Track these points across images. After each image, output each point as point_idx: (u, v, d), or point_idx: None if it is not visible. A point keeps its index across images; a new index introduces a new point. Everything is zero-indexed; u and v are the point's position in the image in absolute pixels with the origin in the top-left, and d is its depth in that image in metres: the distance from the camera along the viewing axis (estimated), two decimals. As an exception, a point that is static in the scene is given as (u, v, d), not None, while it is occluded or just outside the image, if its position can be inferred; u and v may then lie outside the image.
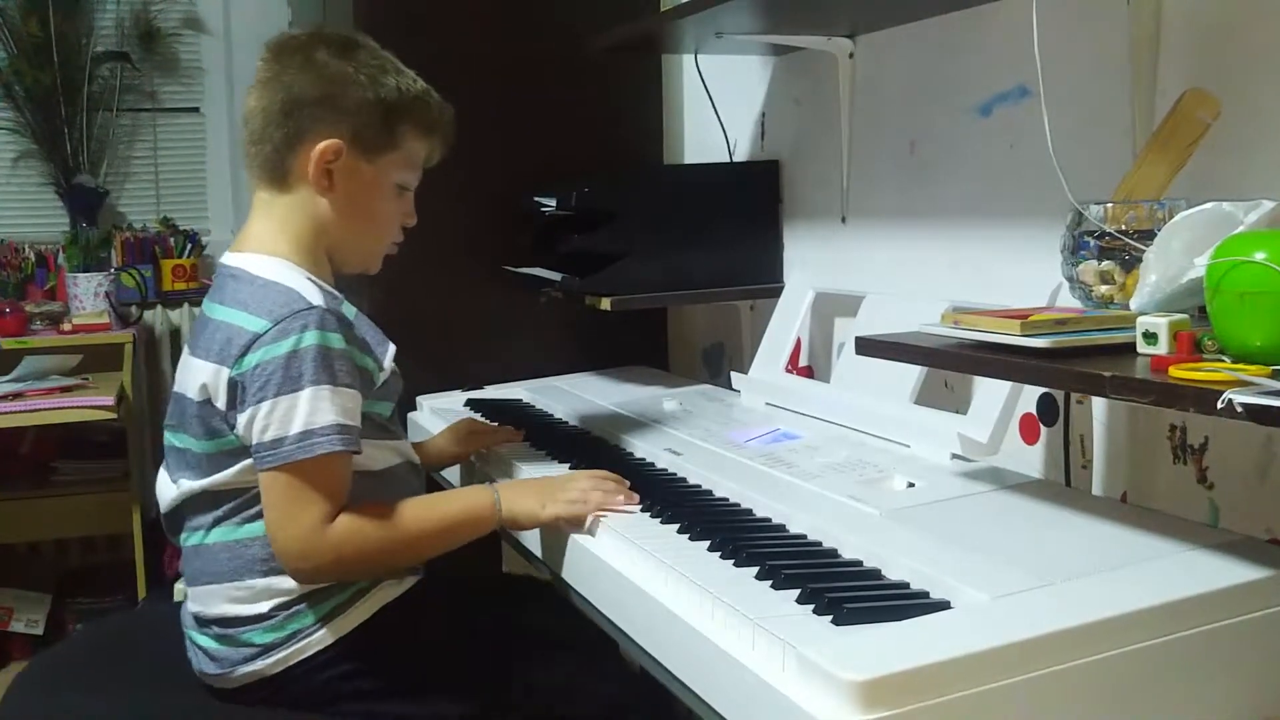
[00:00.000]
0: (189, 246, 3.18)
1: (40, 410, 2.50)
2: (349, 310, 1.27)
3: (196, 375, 1.21)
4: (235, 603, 1.21)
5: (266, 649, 1.21)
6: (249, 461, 1.18)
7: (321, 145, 1.25)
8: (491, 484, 1.29)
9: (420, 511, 1.24)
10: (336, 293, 1.29)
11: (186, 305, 3.14)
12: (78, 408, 2.50)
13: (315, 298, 1.20)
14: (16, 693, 1.30)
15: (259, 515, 1.19)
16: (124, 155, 3.23)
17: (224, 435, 1.19)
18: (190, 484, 1.23)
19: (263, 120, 1.26)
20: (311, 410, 1.15)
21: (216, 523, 1.23)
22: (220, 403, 1.19)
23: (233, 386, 1.18)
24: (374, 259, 1.37)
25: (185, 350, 1.28)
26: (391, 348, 1.30)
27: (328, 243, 1.30)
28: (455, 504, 1.28)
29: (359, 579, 1.23)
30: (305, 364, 1.15)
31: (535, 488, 1.28)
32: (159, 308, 3.13)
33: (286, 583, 1.20)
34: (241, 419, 1.17)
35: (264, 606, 1.21)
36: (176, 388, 1.28)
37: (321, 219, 1.28)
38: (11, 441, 2.86)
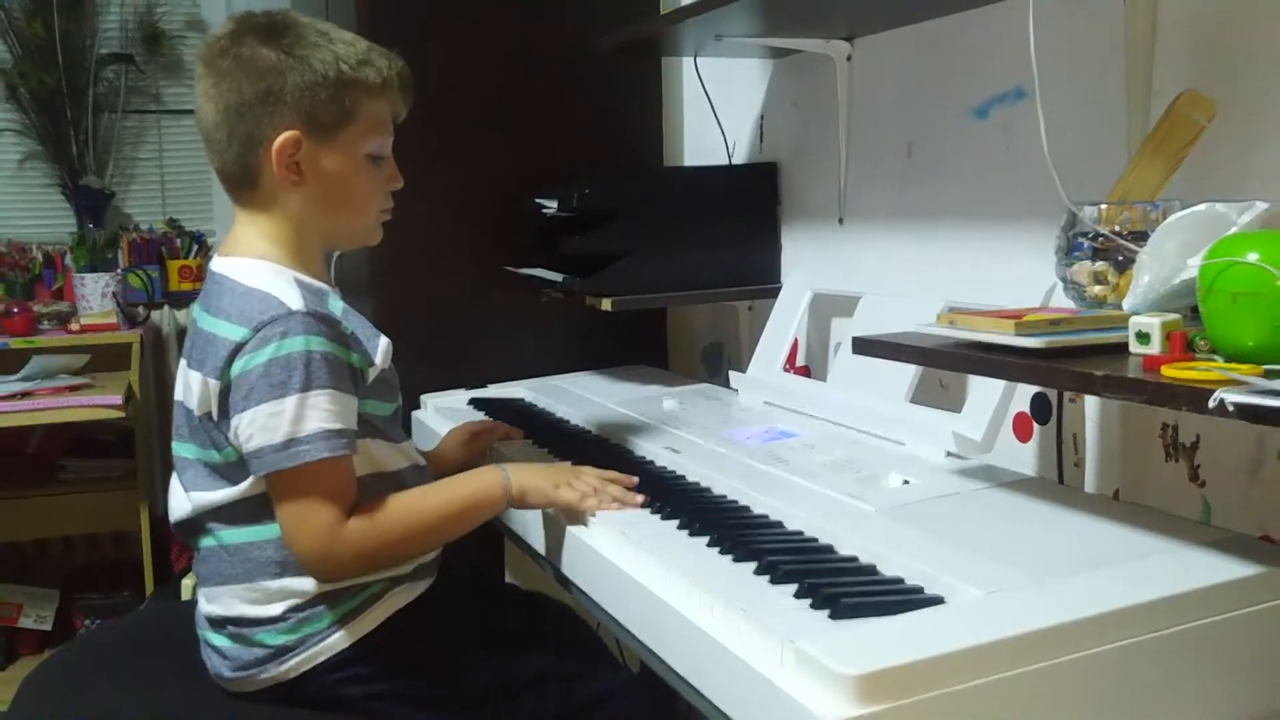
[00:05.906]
0: (195, 247, 3.20)
1: (48, 409, 2.51)
2: (336, 306, 1.24)
3: (193, 387, 1.21)
4: (249, 603, 1.21)
5: (280, 652, 1.20)
6: None
7: (278, 141, 1.20)
8: (499, 465, 1.30)
9: (433, 497, 1.25)
10: (327, 286, 1.27)
11: (193, 305, 3.15)
12: (85, 407, 2.51)
13: (294, 301, 1.17)
14: (33, 690, 1.30)
15: (271, 517, 1.18)
16: (129, 157, 3.25)
17: (227, 446, 1.19)
18: (205, 496, 1.22)
19: (215, 133, 1.23)
20: (296, 417, 1.13)
21: (230, 525, 1.22)
22: (216, 415, 1.18)
23: (222, 397, 1.17)
24: (369, 233, 1.34)
25: (182, 359, 1.27)
26: (384, 341, 1.27)
27: (316, 233, 1.28)
28: (467, 486, 1.28)
29: (382, 569, 1.22)
30: (286, 370, 1.14)
31: (545, 470, 1.30)
32: (165, 308, 3.15)
33: (300, 585, 1.20)
34: (230, 427, 1.17)
35: (277, 609, 1.20)
36: (177, 396, 1.27)
37: (301, 213, 1.25)
38: (19, 440, 2.88)
